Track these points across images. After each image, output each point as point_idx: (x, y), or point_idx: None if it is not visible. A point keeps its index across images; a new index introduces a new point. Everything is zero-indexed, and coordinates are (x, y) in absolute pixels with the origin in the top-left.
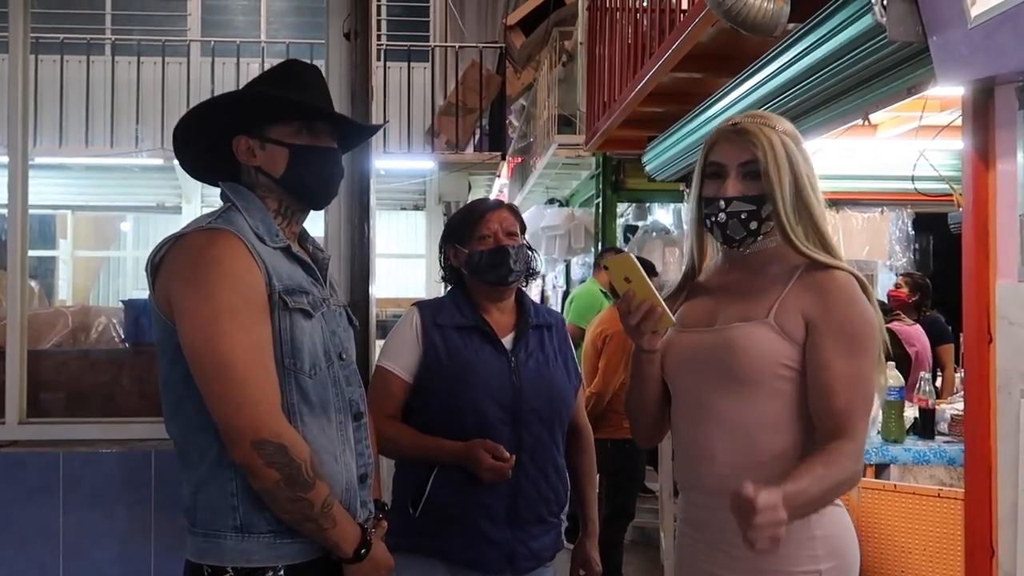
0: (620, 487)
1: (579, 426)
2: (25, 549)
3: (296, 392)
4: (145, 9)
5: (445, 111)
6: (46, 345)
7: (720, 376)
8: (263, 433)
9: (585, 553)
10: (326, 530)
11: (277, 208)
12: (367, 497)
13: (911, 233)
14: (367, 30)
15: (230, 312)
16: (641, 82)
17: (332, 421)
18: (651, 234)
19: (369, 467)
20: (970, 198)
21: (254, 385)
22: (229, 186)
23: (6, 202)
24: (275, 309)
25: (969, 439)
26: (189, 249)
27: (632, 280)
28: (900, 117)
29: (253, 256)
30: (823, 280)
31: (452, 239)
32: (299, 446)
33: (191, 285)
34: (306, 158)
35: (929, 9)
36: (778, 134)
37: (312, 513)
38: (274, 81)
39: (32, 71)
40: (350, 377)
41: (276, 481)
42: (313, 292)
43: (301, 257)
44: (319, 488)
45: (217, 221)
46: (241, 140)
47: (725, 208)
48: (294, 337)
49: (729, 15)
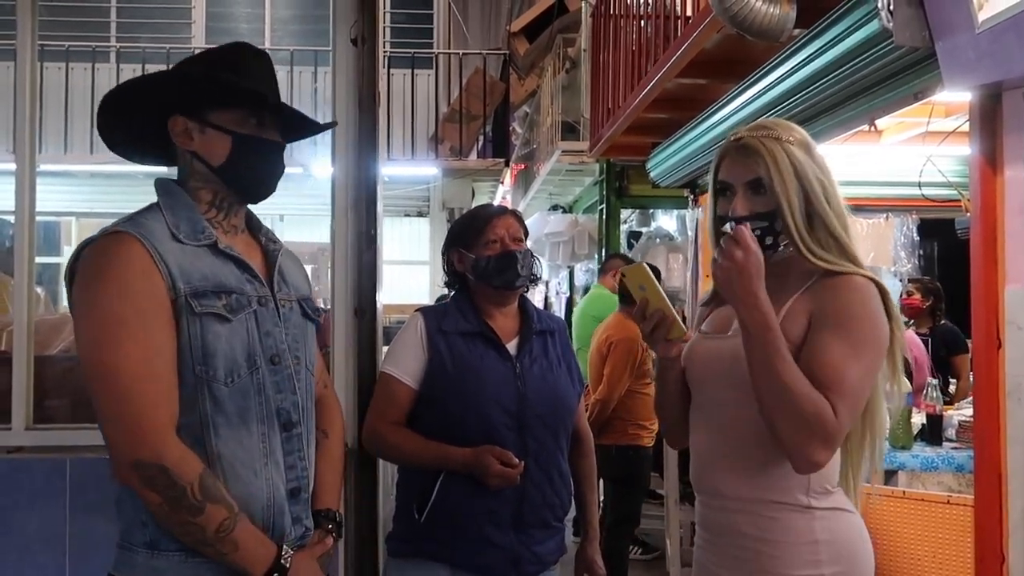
0: (625, 493)
1: (580, 431)
2: (31, 555)
3: (210, 402)
4: (150, 17)
5: (449, 118)
6: (52, 351)
7: (729, 382)
8: (140, 453)
9: (588, 557)
10: (226, 555)
11: (211, 200)
12: (301, 512)
13: (916, 239)
14: (374, 36)
15: (117, 322)
16: (645, 88)
17: (253, 433)
18: (655, 240)
19: (303, 480)
20: (978, 203)
21: (136, 401)
22: (159, 182)
23: (13, 209)
24: (182, 314)
25: (978, 445)
26: (86, 257)
27: (646, 289)
28: (905, 123)
29: (153, 260)
30: (837, 284)
31: (457, 244)
32: (184, 468)
33: (81, 294)
34: (249, 149)
35: (936, 14)
36: (782, 145)
37: (206, 537)
38: (224, 64)
39: (38, 79)
40: (281, 383)
41: (158, 504)
42: (243, 291)
43: (231, 253)
44: (211, 512)
45: (124, 223)
46: (178, 120)
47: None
48: (205, 343)
49: (735, 20)
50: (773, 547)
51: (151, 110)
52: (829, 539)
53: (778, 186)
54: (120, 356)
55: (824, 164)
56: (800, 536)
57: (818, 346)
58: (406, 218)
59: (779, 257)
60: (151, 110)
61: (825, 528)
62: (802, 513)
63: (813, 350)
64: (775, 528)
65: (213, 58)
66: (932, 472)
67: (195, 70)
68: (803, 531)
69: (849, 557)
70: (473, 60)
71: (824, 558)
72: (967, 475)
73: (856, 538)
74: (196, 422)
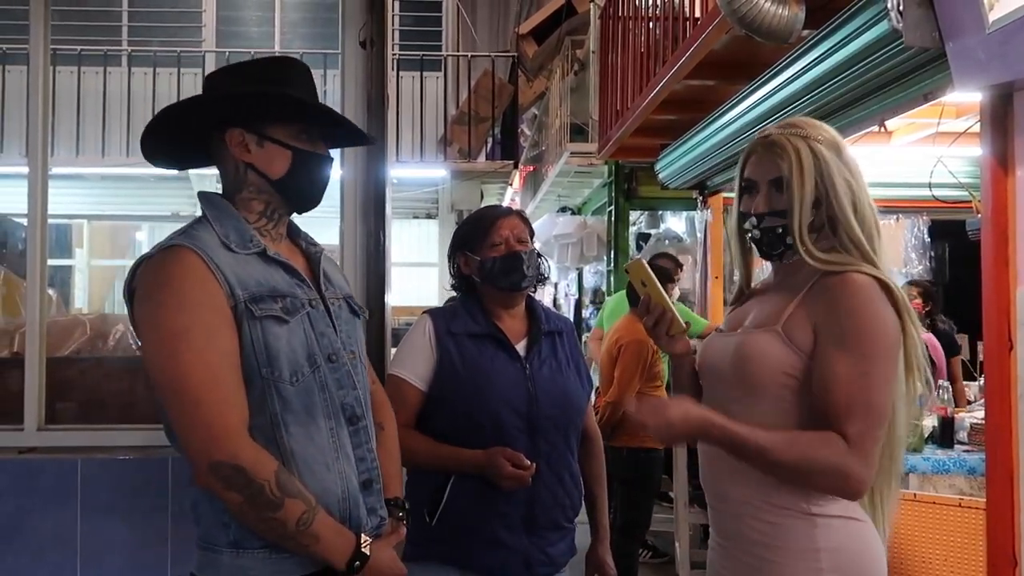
0: (635, 495)
1: (589, 431)
2: (43, 555)
3: (278, 402)
4: (161, 21)
5: (457, 120)
6: (64, 352)
7: (733, 381)
8: (217, 456)
9: (599, 558)
10: (308, 547)
11: (263, 210)
12: (375, 503)
13: (927, 240)
14: (383, 39)
15: (181, 333)
16: (654, 90)
17: (322, 428)
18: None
19: (374, 472)
20: (989, 204)
21: (207, 407)
22: (203, 196)
23: (26, 212)
24: (243, 320)
25: (990, 447)
26: (146, 272)
27: (647, 284)
28: (915, 124)
29: (211, 269)
30: (833, 284)
31: (463, 247)
32: (260, 466)
33: (144, 309)
34: (308, 163)
35: (946, 14)
36: (809, 143)
37: (287, 532)
38: (278, 79)
39: (51, 83)
40: (342, 379)
41: (239, 504)
42: (295, 294)
43: (279, 258)
44: (290, 507)
45: (179, 237)
46: (236, 133)
47: (758, 224)
48: (268, 345)
49: (743, 22)
50: (775, 553)
51: (207, 124)
52: (832, 547)
53: (795, 184)
54: (187, 366)
55: (854, 165)
56: (802, 543)
57: (828, 370)
58: (415, 220)
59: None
60: (207, 124)
61: (827, 536)
62: (804, 520)
63: (823, 374)
64: (777, 534)
65: (268, 72)
66: (943, 475)
67: (255, 85)
68: (805, 538)
69: (854, 568)
70: (481, 62)
71: (825, 566)
72: (979, 478)
73: (863, 547)
74: (267, 422)
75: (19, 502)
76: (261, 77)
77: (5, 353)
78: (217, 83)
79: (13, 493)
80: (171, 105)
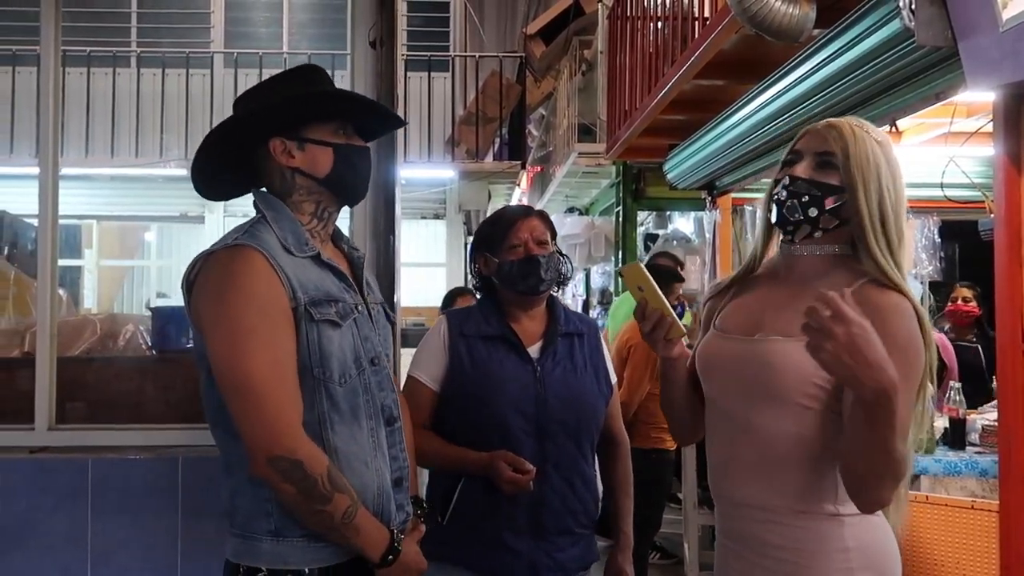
0: (646, 497)
1: (613, 435)
2: (54, 554)
3: (327, 401)
4: (169, 22)
5: (465, 120)
6: (75, 352)
7: (752, 389)
8: (277, 450)
9: (618, 566)
10: (349, 539)
11: (314, 211)
12: (404, 500)
13: (937, 241)
14: (392, 38)
15: (249, 331)
16: (663, 90)
17: (363, 428)
18: (672, 243)
19: (404, 470)
20: (1002, 204)
21: (271, 403)
22: (260, 196)
23: (36, 212)
24: (301, 321)
25: (1003, 449)
26: (213, 267)
27: (644, 289)
28: (925, 124)
29: (276, 271)
30: (877, 301)
31: (482, 247)
32: (315, 461)
33: (213, 304)
34: (350, 157)
35: (959, 13)
36: (870, 137)
37: (333, 524)
38: (304, 83)
39: (61, 84)
40: (382, 382)
41: (293, 495)
42: (344, 299)
43: (331, 263)
44: (338, 500)
45: (243, 236)
46: (277, 142)
47: (788, 185)
48: (322, 347)
49: (754, 21)
50: (805, 557)
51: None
52: (859, 545)
53: (855, 166)
54: (254, 364)
55: (898, 173)
56: (831, 544)
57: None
58: (422, 220)
59: (813, 251)
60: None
61: (854, 535)
62: (831, 521)
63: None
64: (806, 538)
65: (296, 79)
66: (955, 477)
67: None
68: (834, 539)
69: (879, 563)
70: (489, 63)
71: (855, 565)
72: (991, 480)
73: (885, 542)
74: (315, 419)
75: (30, 501)
76: (288, 86)
77: (16, 353)
78: (247, 102)
79: (24, 493)
80: (216, 127)
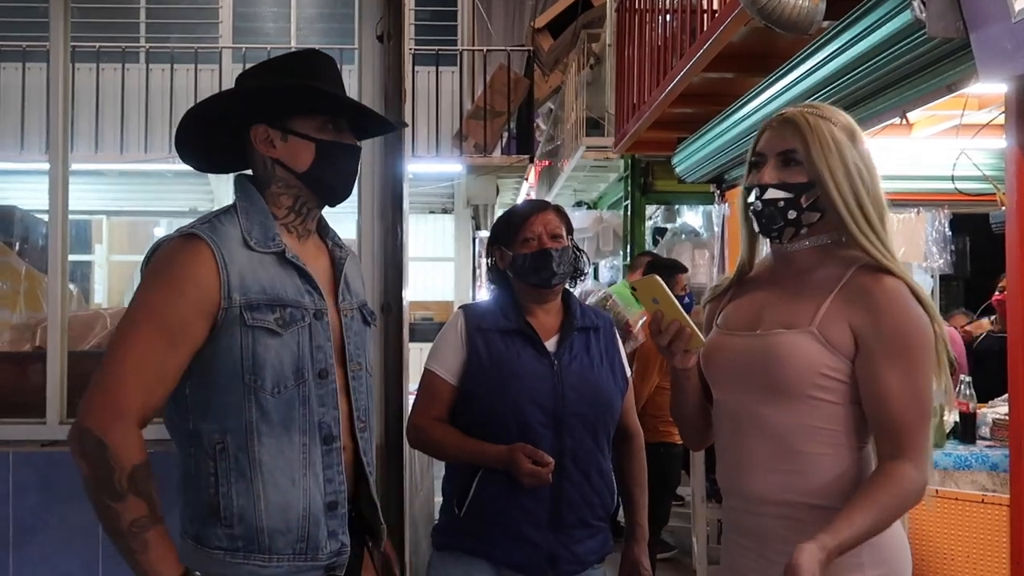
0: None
1: (628, 429)
2: (67, 547)
3: (256, 410)
4: (178, 17)
5: (473, 114)
6: (85, 346)
7: (760, 383)
8: (89, 423)
9: (634, 558)
10: (135, 552)
11: (291, 205)
12: (338, 527)
13: (948, 234)
14: (400, 32)
15: (151, 308)
16: (671, 83)
17: (295, 443)
18: (680, 236)
19: (341, 495)
20: (1014, 197)
21: (114, 379)
22: (240, 182)
23: (47, 207)
24: (235, 324)
25: (1014, 443)
26: (162, 253)
27: (660, 301)
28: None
29: (217, 267)
30: (871, 287)
31: (497, 241)
32: (124, 453)
33: (142, 285)
34: (332, 154)
35: (970, 4)
36: (827, 123)
37: (120, 527)
38: (298, 71)
39: (71, 80)
40: (326, 397)
41: (86, 475)
42: (301, 303)
43: (296, 262)
44: (131, 504)
45: (202, 227)
46: (260, 129)
47: (760, 196)
48: (256, 354)
49: (763, 13)
50: None
51: (234, 122)
52: (871, 540)
53: (817, 157)
54: (134, 334)
55: (868, 156)
56: None
57: (880, 384)
58: (431, 215)
59: (804, 245)
60: (234, 122)
61: None
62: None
63: (876, 388)
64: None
65: (291, 66)
66: (965, 471)
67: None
68: None
69: (891, 559)
70: (497, 57)
71: (866, 561)
72: (1002, 474)
73: (896, 538)
74: (241, 428)
75: (42, 495)
76: (287, 72)
77: (27, 347)
78: (244, 81)
79: (36, 486)
80: (196, 104)
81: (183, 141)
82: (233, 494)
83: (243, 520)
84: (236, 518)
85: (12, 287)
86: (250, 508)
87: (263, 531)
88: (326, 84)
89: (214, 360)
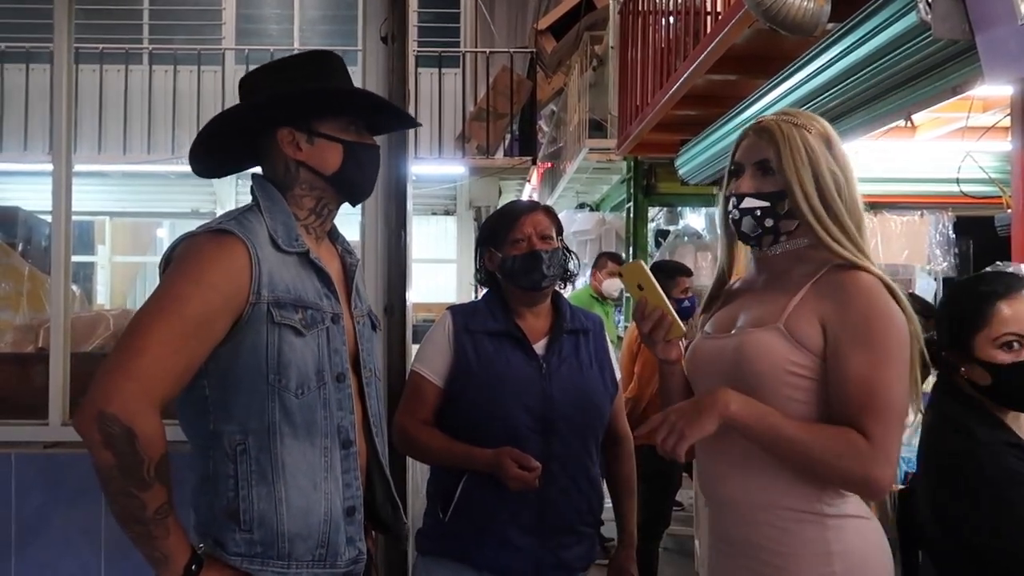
0: (656, 493)
1: (618, 433)
2: (69, 549)
3: (279, 411)
4: (181, 19)
5: (476, 116)
6: (88, 348)
7: (733, 383)
8: (112, 407)
9: (621, 565)
10: (158, 539)
11: (313, 207)
12: (355, 533)
13: (951, 237)
14: (404, 34)
15: (180, 297)
16: (674, 85)
17: (316, 446)
18: (683, 238)
19: (358, 500)
20: (1019, 199)
21: (146, 363)
22: (258, 182)
23: (50, 208)
24: (263, 321)
25: None
26: (189, 249)
27: (644, 288)
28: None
29: (250, 264)
30: (843, 281)
31: (487, 242)
32: (153, 442)
33: (171, 274)
34: (358, 155)
35: (976, 6)
36: (800, 131)
37: (144, 516)
38: (321, 73)
39: (74, 81)
40: (343, 401)
41: (109, 466)
42: (319, 306)
43: (318, 264)
44: (157, 491)
45: (231, 223)
46: (285, 132)
47: (738, 205)
48: (281, 352)
49: (768, 15)
50: (786, 560)
51: (258, 128)
52: (843, 550)
53: (787, 167)
54: (161, 323)
55: (845, 160)
56: (813, 547)
57: (844, 370)
58: (433, 217)
59: (783, 248)
60: (258, 128)
61: (839, 538)
62: (815, 523)
63: (840, 375)
64: (789, 540)
65: (305, 68)
66: None
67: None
68: (816, 542)
69: (864, 568)
70: (500, 58)
71: (838, 570)
72: None
73: (873, 548)
74: (263, 428)
75: (44, 496)
76: (302, 74)
77: (30, 348)
78: (258, 85)
79: (39, 487)
80: (225, 111)
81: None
82: (254, 497)
83: (263, 524)
84: (256, 522)
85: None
86: (271, 512)
87: (283, 536)
88: (343, 84)
89: (236, 359)
